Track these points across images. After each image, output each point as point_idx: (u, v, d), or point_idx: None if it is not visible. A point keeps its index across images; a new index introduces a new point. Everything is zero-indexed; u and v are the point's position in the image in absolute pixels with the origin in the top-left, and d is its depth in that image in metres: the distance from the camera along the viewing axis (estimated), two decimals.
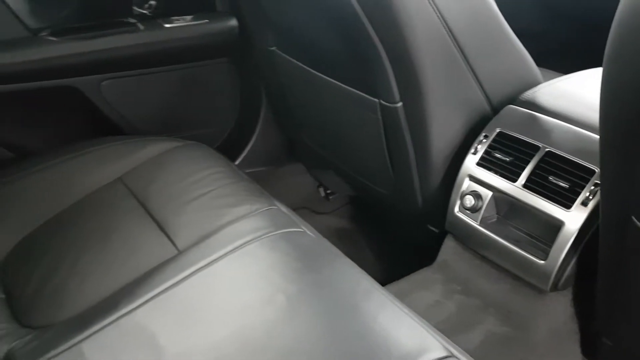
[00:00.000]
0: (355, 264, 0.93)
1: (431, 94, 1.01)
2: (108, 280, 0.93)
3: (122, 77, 1.45)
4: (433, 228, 1.26)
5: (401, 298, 0.88)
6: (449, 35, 0.96)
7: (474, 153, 1.08)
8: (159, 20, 1.43)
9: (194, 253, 0.94)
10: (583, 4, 1.63)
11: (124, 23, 1.41)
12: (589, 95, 1.06)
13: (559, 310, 1.03)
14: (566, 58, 1.48)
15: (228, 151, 1.53)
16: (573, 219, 0.92)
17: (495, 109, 1.11)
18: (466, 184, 1.08)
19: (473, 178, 1.07)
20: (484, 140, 1.07)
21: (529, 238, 1.02)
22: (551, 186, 0.96)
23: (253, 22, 1.40)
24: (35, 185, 1.17)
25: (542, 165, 0.98)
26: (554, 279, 0.95)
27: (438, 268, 1.20)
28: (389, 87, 1.02)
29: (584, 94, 1.08)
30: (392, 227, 1.59)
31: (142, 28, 1.40)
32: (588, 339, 1.02)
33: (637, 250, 0.75)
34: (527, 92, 1.10)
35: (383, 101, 1.06)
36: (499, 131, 1.06)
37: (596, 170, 0.91)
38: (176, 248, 0.97)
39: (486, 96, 1.09)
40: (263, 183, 1.21)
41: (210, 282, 0.88)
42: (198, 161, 1.20)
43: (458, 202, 1.10)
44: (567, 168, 0.95)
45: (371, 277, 0.89)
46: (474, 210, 1.07)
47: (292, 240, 0.96)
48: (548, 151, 0.98)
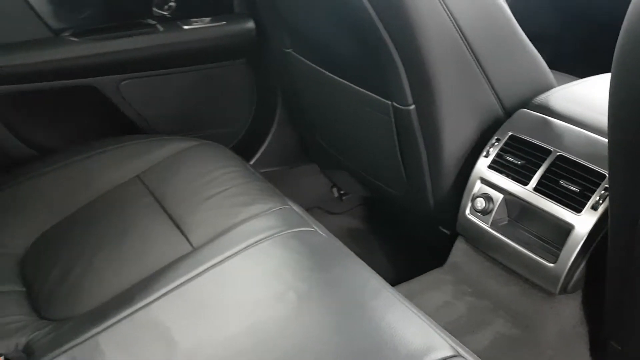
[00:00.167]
0: (365, 264, 0.94)
1: (444, 97, 1.01)
2: (124, 275, 0.95)
3: (141, 78, 1.46)
4: (445, 230, 1.27)
5: (411, 298, 0.89)
6: (462, 38, 0.97)
7: (486, 156, 1.08)
8: (178, 21, 1.44)
9: (208, 250, 0.95)
10: (600, 7, 1.62)
11: (144, 24, 1.42)
12: (602, 99, 1.05)
13: (568, 313, 1.03)
14: (582, 61, 1.48)
15: (243, 151, 1.54)
16: (583, 223, 0.92)
17: (508, 113, 1.11)
18: (477, 187, 1.09)
19: (484, 181, 1.08)
20: (496, 143, 1.07)
21: (539, 241, 1.02)
22: (562, 190, 0.96)
23: (269, 24, 1.42)
24: (55, 182, 1.20)
25: (553, 169, 0.98)
26: (563, 282, 0.96)
27: (449, 269, 1.20)
28: (402, 90, 1.03)
29: (597, 99, 1.07)
30: (404, 228, 1.59)
31: (162, 29, 1.42)
32: (597, 343, 1.02)
33: None
34: (540, 96, 1.10)
35: (396, 103, 1.07)
36: (511, 134, 1.06)
37: (607, 174, 0.91)
38: (191, 245, 0.98)
39: (499, 100, 1.09)
40: (277, 183, 1.22)
41: (223, 279, 0.89)
42: (213, 160, 1.21)
43: (469, 205, 1.10)
44: (578, 172, 0.95)
45: (380, 277, 0.90)
46: (485, 212, 1.08)
47: (304, 239, 0.97)
48: (559, 155, 0.98)
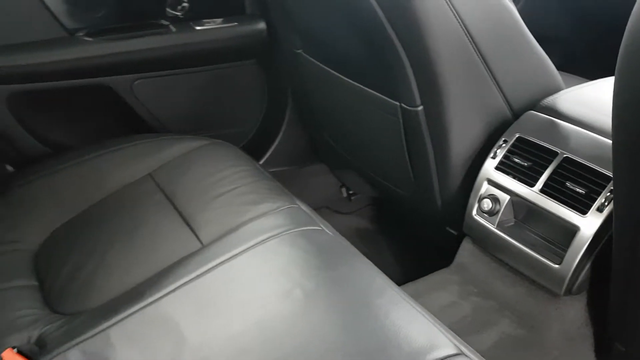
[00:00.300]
0: (371, 263, 0.95)
1: (452, 98, 1.02)
2: (135, 271, 0.96)
3: (154, 77, 1.48)
4: (452, 230, 1.27)
5: (417, 297, 0.89)
6: (469, 40, 0.98)
7: (493, 157, 1.09)
8: (191, 22, 1.46)
9: (217, 247, 0.97)
10: (611, 9, 1.62)
11: (157, 25, 1.44)
12: (609, 102, 1.05)
13: (573, 314, 1.03)
14: (594, 64, 1.48)
15: (253, 151, 1.55)
16: (588, 225, 0.93)
17: (516, 115, 1.11)
18: (484, 188, 1.10)
19: (491, 182, 1.08)
20: (504, 144, 1.08)
21: (545, 242, 1.03)
22: (568, 192, 0.97)
23: (280, 26, 1.43)
24: (69, 179, 1.22)
25: (560, 170, 0.99)
26: (568, 283, 0.96)
27: (455, 270, 1.21)
28: (410, 91, 1.04)
29: (604, 101, 1.07)
30: (412, 229, 1.60)
31: (174, 30, 1.44)
32: (602, 344, 1.02)
33: None
34: (548, 98, 1.10)
35: (404, 104, 1.08)
36: (518, 136, 1.07)
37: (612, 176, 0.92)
38: (200, 242, 1.00)
39: (507, 101, 1.09)
40: (286, 182, 1.23)
41: (231, 275, 0.90)
42: (223, 160, 1.23)
43: (476, 206, 1.11)
44: (584, 174, 0.96)
45: (386, 276, 0.91)
46: (492, 213, 1.08)
47: (311, 237, 0.98)
48: (566, 157, 0.99)
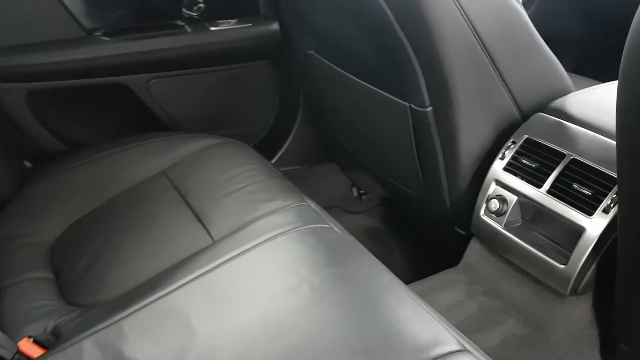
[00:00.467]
0: (378, 261, 0.96)
1: (461, 99, 1.03)
2: (148, 265, 0.99)
3: (169, 77, 1.51)
4: (460, 230, 1.28)
5: (424, 296, 0.90)
6: (478, 42, 0.99)
7: (502, 158, 1.10)
8: (206, 23, 1.48)
9: (228, 243, 0.99)
10: (625, 12, 1.61)
11: (173, 25, 1.47)
12: None
13: (578, 314, 1.04)
14: (607, 66, 1.47)
15: (265, 149, 1.58)
16: (594, 226, 0.93)
17: (524, 116, 1.12)
18: (492, 188, 1.11)
19: (499, 183, 1.09)
20: (512, 146, 1.09)
21: (552, 243, 1.04)
22: (575, 193, 0.98)
23: (293, 27, 1.45)
24: (85, 175, 1.25)
25: (567, 172, 1.00)
26: (574, 284, 0.97)
27: (463, 269, 1.22)
28: (420, 92, 1.05)
29: (612, 103, 1.08)
30: (421, 229, 1.61)
31: (190, 30, 1.46)
32: (607, 344, 1.03)
33: None
34: (557, 101, 1.11)
35: (413, 105, 1.09)
36: (527, 138, 1.07)
37: None
38: (211, 238, 1.02)
39: (515, 103, 1.10)
40: (297, 181, 1.25)
41: (241, 271, 0.92)
42: (236, 158, 1.25)
43: (484, 206, 1.12)
44: (591, 176, 0.96)
45: (393, 274, 0.92)
46: (499, 214, 1.09)
47: (319, 235, 1.00)
48: (573, 159, 1.00)
